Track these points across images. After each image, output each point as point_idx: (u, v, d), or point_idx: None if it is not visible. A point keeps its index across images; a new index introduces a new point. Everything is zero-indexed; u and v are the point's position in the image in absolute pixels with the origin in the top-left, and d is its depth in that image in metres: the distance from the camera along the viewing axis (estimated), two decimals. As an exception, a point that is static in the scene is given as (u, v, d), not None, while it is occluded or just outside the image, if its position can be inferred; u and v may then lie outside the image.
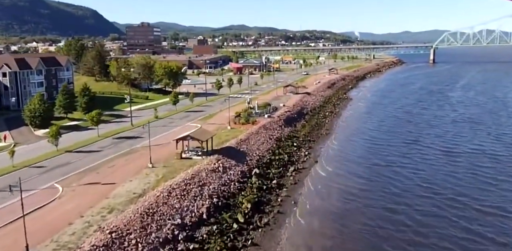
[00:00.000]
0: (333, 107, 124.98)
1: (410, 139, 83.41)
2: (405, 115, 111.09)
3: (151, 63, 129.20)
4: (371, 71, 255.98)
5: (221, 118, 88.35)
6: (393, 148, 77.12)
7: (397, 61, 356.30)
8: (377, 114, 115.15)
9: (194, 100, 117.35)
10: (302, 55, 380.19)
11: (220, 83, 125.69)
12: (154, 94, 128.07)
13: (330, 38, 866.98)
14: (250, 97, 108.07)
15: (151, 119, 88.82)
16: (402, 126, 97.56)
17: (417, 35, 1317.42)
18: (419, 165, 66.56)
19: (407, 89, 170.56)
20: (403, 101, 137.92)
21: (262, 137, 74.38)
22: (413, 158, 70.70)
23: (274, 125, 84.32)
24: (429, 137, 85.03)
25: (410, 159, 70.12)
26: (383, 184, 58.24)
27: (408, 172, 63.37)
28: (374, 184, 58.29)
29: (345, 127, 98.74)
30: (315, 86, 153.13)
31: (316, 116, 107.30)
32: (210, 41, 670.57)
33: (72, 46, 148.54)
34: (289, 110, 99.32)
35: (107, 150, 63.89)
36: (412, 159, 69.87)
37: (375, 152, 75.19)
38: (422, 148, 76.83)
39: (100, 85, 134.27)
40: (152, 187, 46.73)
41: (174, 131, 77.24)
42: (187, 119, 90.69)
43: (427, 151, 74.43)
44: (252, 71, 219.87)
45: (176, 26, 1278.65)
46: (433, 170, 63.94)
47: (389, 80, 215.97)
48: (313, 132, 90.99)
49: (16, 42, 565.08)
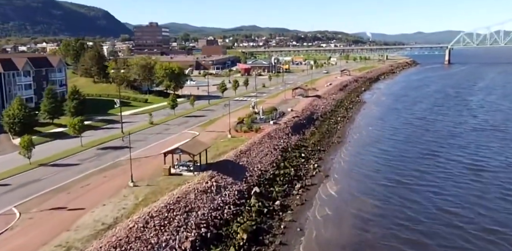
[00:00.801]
0: (345, 111, 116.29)
1: (429, 151, 74.24)
2: (421, 122, 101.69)
3: (151, 64, 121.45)
4: (385, 73, 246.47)
5: (222, 125, 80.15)
6: (410, 162, 68.13)
7: (411, 62, 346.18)
8: (392, 119, 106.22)
9: (196, 104, 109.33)
10: (313, 56, 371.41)
11: (224, 85, 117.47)
12: (154, 96, 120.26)
13: (341, 38, 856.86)
14: (255, 101, 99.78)
15: (145, 126, 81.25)
16: (419, 134, 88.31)
17: (430, 36, 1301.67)
18: (440, 184, 57.53)
19: (422, 92, 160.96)
20: (418, 105, 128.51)
21: (266, 148, 66.02)
22: (433, 174, 61.60)
23: (280, 133, 75.91)
24: (449, 149, 75.69)
25: (430, 175, 61.04)
26: (401, 208, 49.39)
27: (429, 192, 54.47)
28: (392, 208, 49.57)
29: (358, 134, 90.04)
30: (326, 88, 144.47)
31: (327, 121, 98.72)
32: (221, 42, 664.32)
33: (71, 46, 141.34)
34: (297, 116, 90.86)
35: (87, 164, 55.93)
36: (432, 176, 60.81)
37: (391, 165, 66.32)
38: (442, 162, 67.61)
39: (98, 87, 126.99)
40: (127, 214, 38.60)
41: (168, 140, 69.21)
42: (185, 125, 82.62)
43: (448, 166, 65.30)
44: (261, 72, 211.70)
45: (187, 27, 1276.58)
46: (457, 191, 54.88)
47: (403, 82, 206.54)
48: (324, 140, 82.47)
49: (26, 42, 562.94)
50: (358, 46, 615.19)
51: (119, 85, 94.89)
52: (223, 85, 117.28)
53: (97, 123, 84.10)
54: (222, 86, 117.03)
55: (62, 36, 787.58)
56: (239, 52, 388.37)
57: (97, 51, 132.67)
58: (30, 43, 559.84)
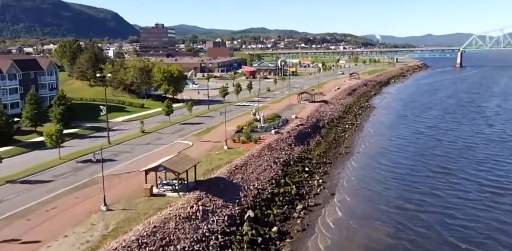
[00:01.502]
0: (353, 117, 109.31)
1: (442, 166, 66.77)
2: (433, 131, 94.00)
3: (149, 66, 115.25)
4: (395, 76, 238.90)
5: (219, 133, 73.59)
6: (423, 179, 60.71)
7: (422, 65, 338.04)
8: (402, 127, 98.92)
9: (195, 109, 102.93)
10: (321, 58, 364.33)
11: (225, 89, 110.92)
12: (152, 101, 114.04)
13: (351, 41, 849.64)
14: (256, 107, 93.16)
15: (136, 134, 74.85)
16: (431, 146, 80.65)
17: (440, 38, 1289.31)
18: (457, 207, 50.17)
19: (434, 98, 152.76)
20: (430, 112, 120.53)
21: (265, 162, 59.32)
22: (448, 195, 54.09)
23: (281, 143, 69.17)
24: (465, 164, 67.95)
25: (445, 197, 53.47)
26: (415, 240, 42.30)
27: (445, 217, 47.26)
28: (404, 237, 42.67)
29: (367, 144, 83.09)
30: (334, 92, 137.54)
31: (334, 129, 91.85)
32: (229, 44, 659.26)
33: (67, 48, 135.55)
34: (302, 123, 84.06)
35: (61, 181, 49.52)
36: (448, 197, 53.41)
37: (402, 183, 59.10)
38: (457, 180, 59.94)
39: (93, 91, 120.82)
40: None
41: (157, 151, 62.74)
42: (179, 134, 76.11)
43: (465, 185, 57.77)
44: (267, 75, 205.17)
45: (196, 29, 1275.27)
46: (476, 216, 47.60)
47: (414, 86, 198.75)
48: (330, 151, 75.62)
49: (33, 44, 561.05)
50: (367, 48, 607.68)
51: (105, 87, 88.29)
52: (224, 89, 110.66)
53: (84, 131, 77.90)
54: (223, 91, 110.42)
55: (70, 37, 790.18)
56: (246, 54, 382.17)
57: (94, 52, 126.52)
58: (37, 45, 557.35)
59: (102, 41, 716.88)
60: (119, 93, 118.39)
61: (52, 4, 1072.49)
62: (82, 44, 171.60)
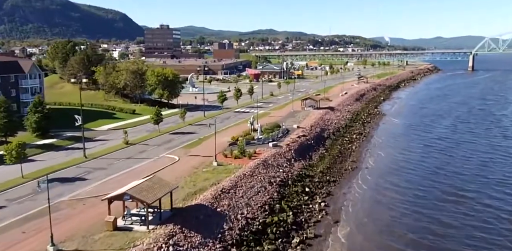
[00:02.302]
0: (361, 126, 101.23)
1: (458, 188, 58.05)
2: (446, 144, 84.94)
3: (143, 69, 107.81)
4: (405, 80, 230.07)
5: (212, 146, 65.92)
6: (437, 205, 52.11)
7: (432, 68, 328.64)
8: (413, 139, 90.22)
9: (191, 116, 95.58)
10: (329, 61, 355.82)
11: (224, 94, 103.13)
12: (146, 106, 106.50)
13: (359, 43, 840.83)
14: (254, 115, 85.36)
15: (118, 146, 67.30)
16: (444, 162, 71.68)
17: (449, 41, 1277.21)
18: (477, 245, 42.25)
19: (445, 104, 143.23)
20: (442, 121, 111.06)
21: (259, 182, 51.50)
22: (467, 227, 45.85)
23: (279, 159, 61.30)
24: (482, 186, 58.96)
25: (461, 231, 45.20)
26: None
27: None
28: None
29: (375, 157, 75.08)
30: (340, 98, 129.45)
31: (339, 140, 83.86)
32: (236, 45, 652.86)
33: (59, 49, 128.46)
34: (305, 134, 76.08)
35: (13, 207, 41.99)
36: (466, 230, 45.28)
37: (415, 210, 50.56)
38: (474, 208, 51.09)
39: (84, 95, 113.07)
40: None
41: (137, 168, 55.22)
42: (166, 146, 68.44)
43: (486, 215, 49.21)
44: (271, 78, 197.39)
45: (204, 30, 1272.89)
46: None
47: (425, 91, 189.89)
48: (335, 167, 67.66)
49: (39, 44, 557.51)
50: (376, 50, 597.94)
51: (81, 90, 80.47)
52: (222, 94, 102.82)
53: (62, 141, 70.39)
54: (221, 96, 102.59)
55: (79, 38, 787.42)
56: (252, 56, 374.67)
57: (86, 54, 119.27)
58: (43, 45, 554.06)
59: (109, 42, 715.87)
60: (111, 98, 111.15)
61: (61, 5, 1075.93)
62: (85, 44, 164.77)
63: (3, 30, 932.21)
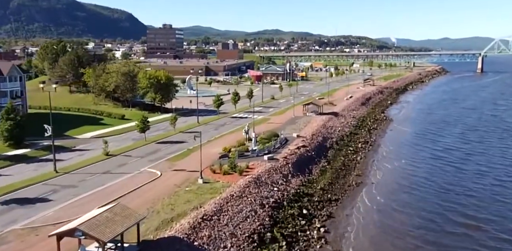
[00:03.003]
0: (367, 133, 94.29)
1: (475, 212, 50.72)
2: (457, 156, 76.67)
3: (134, 71, 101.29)
4: (413, 82, 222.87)
5: (202, 158, 59.42)
6: (451, 232, 45.22)
7: (440, 70, 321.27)
8: (422, 150, 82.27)
9: (184, 122, 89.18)
10: (334, 62, 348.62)
11: (220, 99, 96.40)
12: (138, 111, 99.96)
13: (366, 43, 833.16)
14: (250, 122, 78.57)
15: (97, 158, 60.72)
16: (456, 178, 63.54)
17: (457, 42, 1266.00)
18: None
19: (455, 110, 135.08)
20: (452, 129, 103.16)
21: (248, 204, 44.75)
22: None
23: (275, 175, 54.50)
24: (499, 210, 51.50)
25: None
26: None
27: None
28: None
29: (383, 170, 68.09)
30: (345, 102, 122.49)
31: (343, 150, 76.93)
32: (242, 46, 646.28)
33: (49, 49, 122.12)
34: (305, 145, 69.22)
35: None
36: None
37: (427, 240, 43.67)
38: (494, 236, 44.38)
39: (73, 98, 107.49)
40: None
41: (111, 186, 48.64)
42: (151, 158, 61.79)
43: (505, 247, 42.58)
44: (274, 80, 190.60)
45: (211, 30, 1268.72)
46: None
47: (434, 94, 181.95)
48: (338, 182, 60.81)
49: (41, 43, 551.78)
50: (383, 51, 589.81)
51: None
52: (218, 98, 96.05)
53: (37, 152, 63.74)
54: (216, 100, 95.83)
55: (85, 37, 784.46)
56: (256, 57, 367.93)
57: (76, 55, 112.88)
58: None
59: (113, 42, 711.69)
60: (101, 101, 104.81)
61: (67, 4, 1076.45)
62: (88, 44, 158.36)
63: (9, 29, 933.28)
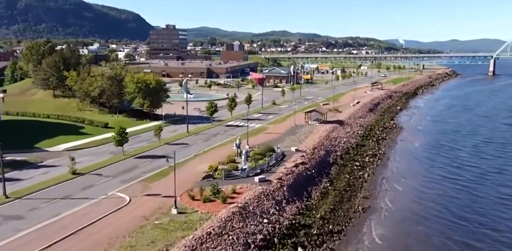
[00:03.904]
0: (375, 144, 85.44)
1: None
2: (475, 173, 68.02)
3: (121, 75, 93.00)
4: (423, 85, 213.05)
5: (183, 178, 51.06)
6: None
7: (451, 73, 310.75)
8: (436, 165, 73.03)
9: (173, 131, 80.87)
10: (341, 64, 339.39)
11: (214, 105, 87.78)
12: (124, 118, 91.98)
13: (373, 45, 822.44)
14: (244, 134, 70.05)
15: (62, 178, 52.31)
16: (476, 202, 55.39)
17: (465, 44, 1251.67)
18: None
19: (468, 118, 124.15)
20: (466, 141, 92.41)
21: (229, 245, 36.08)
22: None
23: (266, 202, 45.82)
24: None
25: None
26: None
27: None
28: None
29: (393, 192, 59.26)
30: (352, 108, 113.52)
31: (348, 166, 68.11)
32: (248, 47, 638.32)
33: (35, 50, 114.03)
34: (304, 161, 60.45)
35: None
36: None
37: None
38: None
39: (56, 103, 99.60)
40: None
41: (65, 218, 40.20)
42: (124, 177, 53.21)
43: None
44: (277, 83, 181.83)
45: (218, 31, 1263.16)
46: None
47: (445, 99, 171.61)
48: (341, 207, 52.04)
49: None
50: (391, 53, 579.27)
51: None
52: (212, 105, 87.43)
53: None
54: (210, 107, 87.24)
55: (92, 38, 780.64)
56: (262, 58, 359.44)
57: (62, 56, 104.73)
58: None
59: (118, 42, 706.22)
60: (86, 107, 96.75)
61: (75, 4, 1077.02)
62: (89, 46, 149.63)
63: (17, 30, 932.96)
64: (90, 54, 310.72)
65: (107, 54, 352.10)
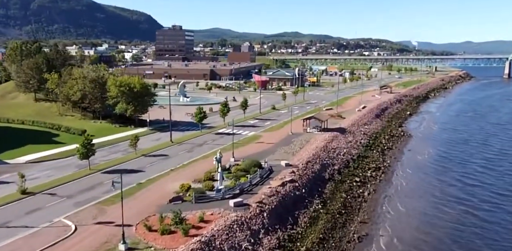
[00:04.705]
0: (380, 156, 77.42)
1: None
2: (492, 196, 58.74)
3: (104, 77, 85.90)
4: (435, 89, 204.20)
5: (148, 200, 43.78)
6: None
7: (464, 75, 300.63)
8: (447, 183, 64.78)
9: (156, 140, 73.60)
10: (351, 66, 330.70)
11: (202, 111, 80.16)
12: (107, 124, 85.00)
13: (386, 46, 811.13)
14: (228, 145, 62.45)
15: (8, 197, 45.09)
16: (494, 233, 47.29)
17: (479, 46, 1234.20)
18: None
19: (483, 126, 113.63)
20: (481, 154, 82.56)
21: (178, 298, 28.49)
22: None
23: (239, 233, 38.05)
24: None
25: None
26: None
27: None
28: None
29: (396, 215, 51.37)
30: (357, 114, 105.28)
31: (346, 183, 60.15)
32: (258, 48, 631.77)
33: (19, 51, 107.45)
34: (294, 179, 52.51)
35: None
36: None
37: None
38: None
39: (36, 108, 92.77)
40: None
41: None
42: (80, 198, 45.73)
43: None
44: (282, 85, 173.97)
45: (230, 32, 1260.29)
46: None
47: (458, 103, 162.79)
48: (332, 237, 44.18)
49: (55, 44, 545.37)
50: (403, 55, 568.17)
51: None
52: (200, 111, 79.78)
53: None
54: (198, 113, 79.65)
55: (104, 39, 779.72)
56: (270, 60, 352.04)
57: (46, 57, 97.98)
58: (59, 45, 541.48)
59: (128, 43, 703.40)
60: (68, 111, 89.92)
61: (87, 6, 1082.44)
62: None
63: (30, 30, 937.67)
64: (94, 55, 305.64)
65: (113, 55, 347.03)
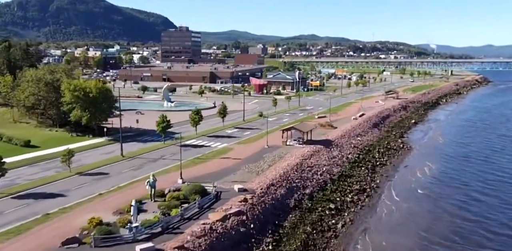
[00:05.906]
0: (368, 174, 66.35)
1: None
2: (505, 240, 46.95)
3: (58, 81, 76.39)
4: (447, 94, 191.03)
5: (42, 239, 33.99)
6: None
7: (481, 80, 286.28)
8: (448, 214, 53.26)
9: (106, 153, 63.96)
10: (363, 69, 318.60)
11: (165, 120, 69.95)
12: (64, 133, 75.50)
13: (403, 49, 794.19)
14: (153, 173, 52.21)
15: None
16: None
17: (501, 49, 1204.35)
18: None
19: (497, 139, 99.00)
20: (492, 176, 69.06)
21: None
22: None
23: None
24: None
25: None
26: None
27: None
28: None
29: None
30: (351, 123, 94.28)
31: (316, 212, 49.12)
32: (272, 50, 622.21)
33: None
34: (242, 209, 41.95)
35: None
36: None
37: None
38: None
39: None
40: None
41: None
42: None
43: None
44: (281, 89, 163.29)
45: (246, 35, 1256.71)
46: None
47: (472, 111, 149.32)
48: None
49: (67, 46, 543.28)
50: (421, 58, 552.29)
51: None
52: (163, 119, 69.56)
53: None
54: (160, 122, 69.40)
55: (121, 40, 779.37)
56: (279, 62, 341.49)
57: (8, 57, 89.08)
58: (71, 47, 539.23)
59: (141, 45, 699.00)
60: (25, 118, 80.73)
61: (104, 8, 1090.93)
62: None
63: (48, 32, 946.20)
64: (98, 56, 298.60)
65: (119, 56, 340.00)
